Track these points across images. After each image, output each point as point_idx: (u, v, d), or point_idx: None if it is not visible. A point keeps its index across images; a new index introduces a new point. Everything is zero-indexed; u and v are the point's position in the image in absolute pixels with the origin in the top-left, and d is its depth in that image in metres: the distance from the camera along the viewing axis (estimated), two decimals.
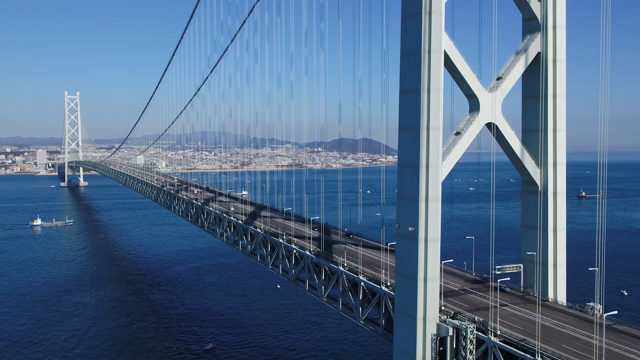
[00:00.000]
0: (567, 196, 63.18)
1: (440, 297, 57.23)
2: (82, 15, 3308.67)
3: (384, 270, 67.07)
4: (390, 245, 78.83)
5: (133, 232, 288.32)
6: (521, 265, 65.42)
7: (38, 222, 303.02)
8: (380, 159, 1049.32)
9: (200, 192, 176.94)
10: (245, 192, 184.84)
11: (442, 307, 57.06)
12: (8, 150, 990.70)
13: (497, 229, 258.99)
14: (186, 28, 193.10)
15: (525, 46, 62.65)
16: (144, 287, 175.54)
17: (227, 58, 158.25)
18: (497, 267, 63.57)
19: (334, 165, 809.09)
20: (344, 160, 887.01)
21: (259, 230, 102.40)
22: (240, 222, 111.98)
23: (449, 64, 57.99)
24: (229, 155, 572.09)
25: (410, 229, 55.42)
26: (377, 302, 66.18)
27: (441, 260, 57.73)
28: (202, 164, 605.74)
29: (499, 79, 61.73)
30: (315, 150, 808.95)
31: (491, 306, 55.80)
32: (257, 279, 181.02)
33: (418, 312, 54.89)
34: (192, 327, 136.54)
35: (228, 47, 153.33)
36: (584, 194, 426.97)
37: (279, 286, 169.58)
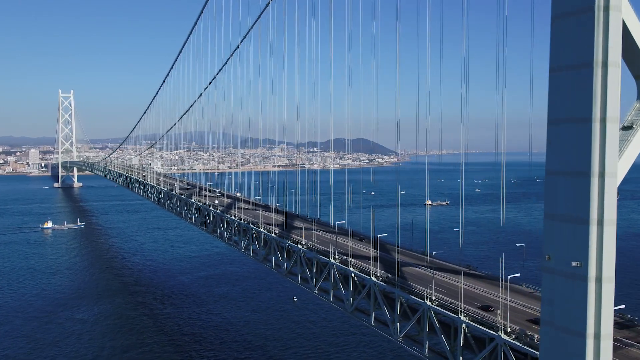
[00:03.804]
0: None
1: None
2: (82, 15, 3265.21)
3: (500, 312, 50.33)
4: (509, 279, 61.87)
5: (134, 237, 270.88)
6: None
7: (49, 224, 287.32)
8: (377, 159, 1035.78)
9: (220, 195, 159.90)
10: (238, 194, 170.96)
11: None
12: (0, 150, 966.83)
13: (512, 234, 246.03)
14: (193, 28, 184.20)
15: None
16: (148, 301, 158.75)
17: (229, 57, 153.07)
18: None
19: (331, 166, 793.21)
20: (340, 161, 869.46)
21: (299, 246, 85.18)
22: (273, 235, 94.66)
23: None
24: (224, 155, 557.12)
25: (574, 263, 38.63)
26: (491, 351, 49.74)
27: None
28: (198, 164, 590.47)
29: None
30: (312, 150, 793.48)
31: None
32: (272, 291, 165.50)
33: None
34: (205, 349, 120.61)
35: (233, 51, 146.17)
36: None
37: (295, 299, 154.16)
